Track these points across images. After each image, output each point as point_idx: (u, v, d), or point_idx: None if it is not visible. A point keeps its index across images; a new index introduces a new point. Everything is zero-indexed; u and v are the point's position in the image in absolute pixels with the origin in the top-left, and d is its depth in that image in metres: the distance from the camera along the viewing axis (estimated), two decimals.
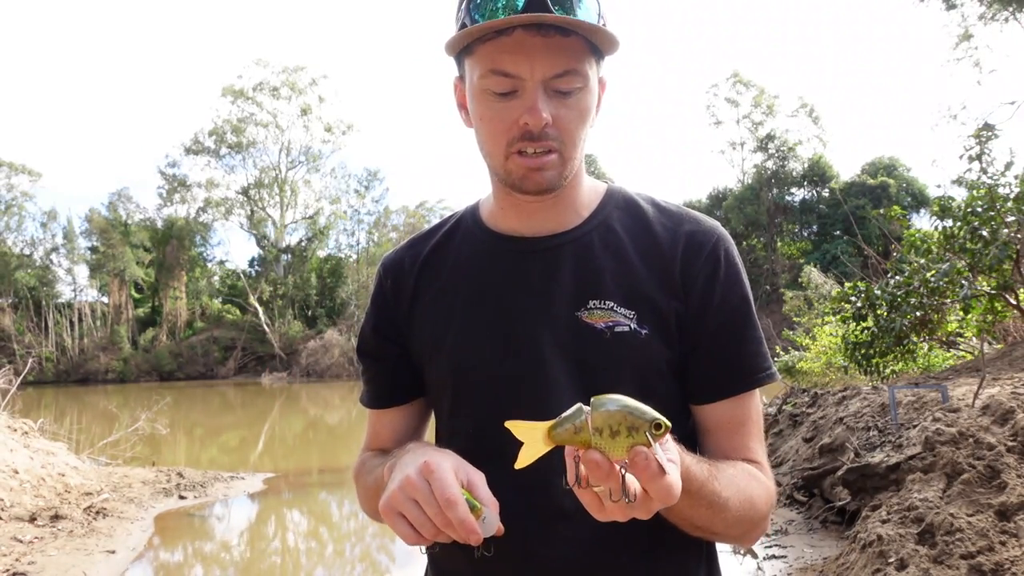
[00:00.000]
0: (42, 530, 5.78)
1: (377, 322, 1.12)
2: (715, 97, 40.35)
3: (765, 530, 0.98)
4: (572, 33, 0.89)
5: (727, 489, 0.87)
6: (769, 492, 0.97)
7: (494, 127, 0.94)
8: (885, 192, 33.08)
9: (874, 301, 6.71)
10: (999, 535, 3.01)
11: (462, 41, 0.91)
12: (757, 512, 0.93)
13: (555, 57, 0.89)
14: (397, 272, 1.11)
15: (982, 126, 6.94)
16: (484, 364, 1.00)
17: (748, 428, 1.00)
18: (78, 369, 39.08)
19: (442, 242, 1.10)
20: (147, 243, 43.87)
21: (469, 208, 1.13)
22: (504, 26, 0.87)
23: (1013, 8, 19.21)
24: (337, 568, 6.04)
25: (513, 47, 0.88)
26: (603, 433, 0.66)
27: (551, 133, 0.92)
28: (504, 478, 0.96)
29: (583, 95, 0.93)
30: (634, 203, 1.06)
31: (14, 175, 42.07)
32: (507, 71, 0.90)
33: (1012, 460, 3.35)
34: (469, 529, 0.79)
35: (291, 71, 43.79)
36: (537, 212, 1.02)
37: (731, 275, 1.00)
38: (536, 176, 0.94)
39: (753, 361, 1.00)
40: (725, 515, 0.88)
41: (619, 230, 1.03)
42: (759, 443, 1.02)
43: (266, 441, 14.37)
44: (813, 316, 14.38)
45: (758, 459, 1.00)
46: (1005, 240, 5.67)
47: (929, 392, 5.20)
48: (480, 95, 0.94)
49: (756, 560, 4.52)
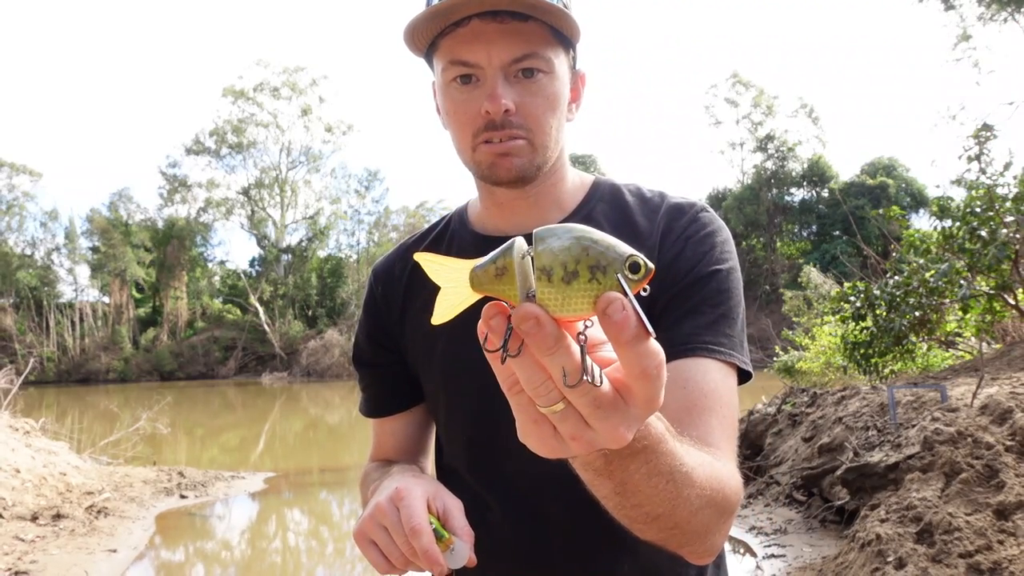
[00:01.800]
0: (44, 529, 5.79)
1: (371, 330, 1.11)
2: (715, 97, 40.39)
3: (725, 538, 0.79)
4: (529, 18, 0.87)
5: (690, 455, 0.67)
6: (739, 483, 0.79)
7: (459, 119, 0.93)
8: (884, 192, 33.07)
9: (873, 301, 6.72)
10: (997, 534, 3.03)
11: (417, 34, 0.91)
12: (727, 501, 0.73)
13: (512, 42, 0.88)
14: (387, 279, 1.10)
15: (981, 126, 6.94)
16: (472, 370, 0.95)
17: (707, 404, 0.84)
18: (79, 369, 39.09)
19: (431, 247, 1.08)
20: (148, 243, 43.87)
21: (458, 210, 1.12)
22: (455, 14, 0.86)
23: (1012, 8, 19.21)
24: (337, 567, 6.05)
25: (470, 36, 0.88)
26: (553, 276, 0.44)
27: (515, 121, 0.90)
28: (498, 485, 0.97)
29: (548, 81, 0.91)
30: (619, 193, 1.04)
31: (15, 175, 42.10)
32: (465, 60, 0.89)
33: (1010, 459, 3.36)
34: (432, 559, 0.77)
35: (291, 71, 43.81)
36: (520, 209, 1.01)
37: (700, 251, 0.93)
38: (504, 162, 0.92)
39: (704, 332, 0.88)
40: (689, 492, 0.66)
41: (602, 223, 1.00)
42: (722, 431, 0.84)
43: (267, 441, 14.38)
44: (812, 316, 14.39)
45: (718, 445, 0.82)
46: (1004, 240, 5.68)
47: (928, 392, 5.21)
48: (445, 89, 0.93)
49: (755, 559, 4.54)
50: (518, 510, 0.97)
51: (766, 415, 7.18)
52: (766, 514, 5.48)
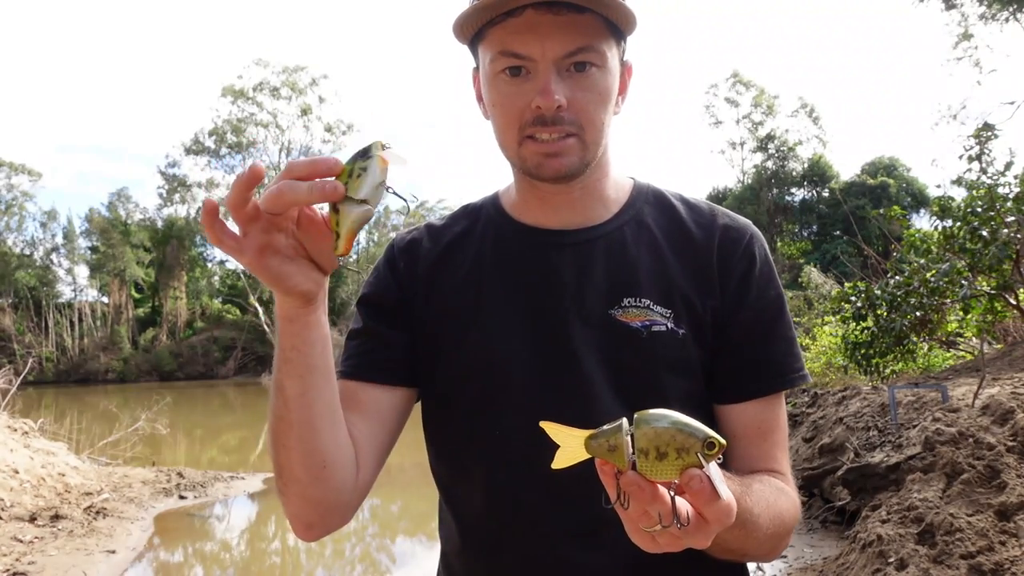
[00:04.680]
0: (42, 530, 5.78)
1: (394, 295, 1.01)
2: (715, 97, 40.33)
3: (788, 544, 0.94)
4: (586, 10, 0.84)
5: (758, 506, 0.81)
6: (796, 506, 0.91)
7: (506, 112, 0.89)
8: (885, 192, 33.07)
9: (874, 301, 6.71)
10: (999, 535, 3.01)
11: (467, 22, 0.87)
12: (785, 528, 0.88)
13: (567, 35, 0.84)
14: (412, 256, 1.03)
15: (982, 126, 6.94)
16: (514, 362, 0.94)
17: (775, 436, 0.95)
18: (78, 369, 39.10)
19: (463, 232, 1.03)
20: (147, 243, 43.89)
21: (488, 198, 1.07)
22: (513, 5, 0.83)
23: (1013, 8, 19.21)
24: (337, 568, 6.04)
25: (523, 27, 0.84)
26: (649, 455, 0.60)
27: (567, 117, 0.86)
28: (536, 481, 0.91)
29: (601, 75, 0.88)
30: (664, 198, 1.02)
31: (14, 175, 42.12)
32: (517, 52, 0.85)
33: (1012, 460, 3.34)
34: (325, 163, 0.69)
35: (291, 71, 43.77)
36: (564, 204, 0.97)
37: (765, 272, 0.97)
38: (553, 162, 0.88)
39: (784, 360, 0.95)
40: (757, 534, 0.81)
41: (652, 226, 0.98)
42: (784, 453, 0.96)
43: (266, 441, 14.34)
44: (813, 316, 14.39)
45: (783, 470, 0.94)
46: (1005, 240, 5.67)
47: (929, 392, 5.20)
48: (492, 80, 0.89)
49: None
50: (556, 508, 0.92)
51: None
52: None
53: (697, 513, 0.62)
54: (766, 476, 0.90)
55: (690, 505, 0.62)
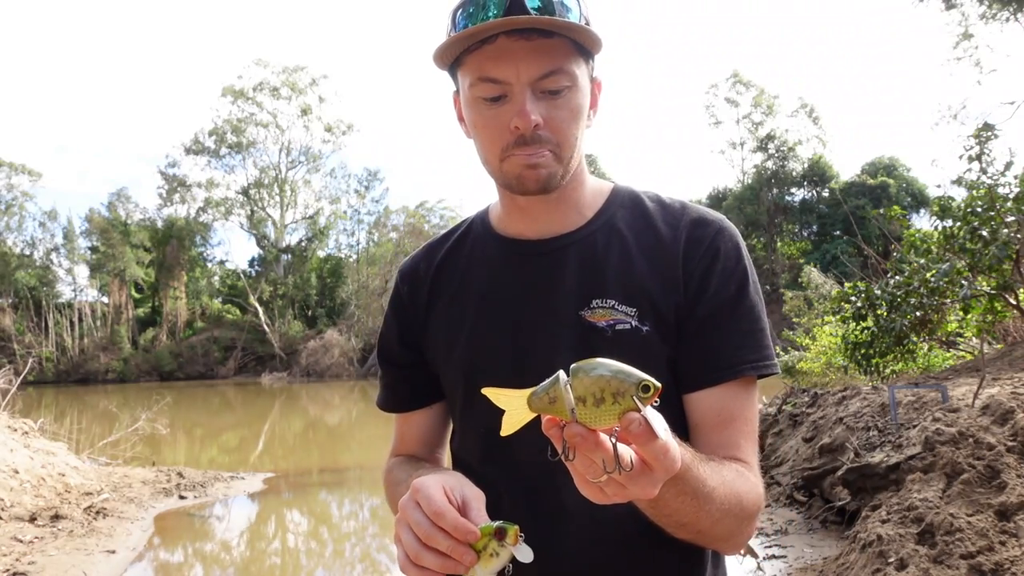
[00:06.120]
0: (42, 530, 5.78)
1: (400, 330, 1.15)
2: (715, 97, 40.38)
3: (750, 536, 0.94)
4: (554, 34, 0.91)
5: (712, 479, 0.83)
6: (758, 494, 0.93)
7: (488, 133, 0.96)
8: (885, 192, 33.07)
9: (874, 301, 6.71)
10: (999, 535, 3.01)
11: (446, 52, 0.94)
12: (744, 510, 0.89)
13: (539, 59, 0.91)
14: (413, 280, 1.15)
15: (982, 126, 6.94)
16: (494, 369, 1.01)
17: (737, 424, 0.97)
18: (78, 369, 39.08)
19: (454, 248, 1.13)
20: (147, 243, 43.87)
21: (479, 214, 1.16)
22: (484, 34, 0.89)
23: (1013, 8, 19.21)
24: (337, 568, 6.04)
25: (497, 53, 0.91)
26: (587, 402, 0.62)
27: (544, 135, 0.93)
28: (513, 476, 1.01)
29: (573, 94, 0.95)
30: (639, 201, 1.07)
31: (14, 175, 42.11)
32: (494, 77, 0.92)
33: (1012, 460, 3.35)
34: (465, 531, 0.76)
35: (291, 71, 43.82)
36: (541, 214, 1.04)
37: (729, 267, 1.00)
38: (532, 173, 0.95)
39: (738, 351, 0.98)
40: (710, 507, 0.83)
41: (623, 229, 1.04)
42: (749, 443, 0.98)
43: (266, 441, 14.37)
44: (813, 316, 14.39)
45: (747, 459, 0.96)
46: (1005, 240, 5.67)
47: (929, 392, 5.20)
48: (472, 104, 0.96)
49: (756, 560, 4.52)
50: (530, 499, 0.99)
51: (767, 416, 7.17)
52: (767, 515, 5.47)
53: (640, 459, 0.65)
54: (728, 460, 0.93)
55: (633, 452, 0.64)
